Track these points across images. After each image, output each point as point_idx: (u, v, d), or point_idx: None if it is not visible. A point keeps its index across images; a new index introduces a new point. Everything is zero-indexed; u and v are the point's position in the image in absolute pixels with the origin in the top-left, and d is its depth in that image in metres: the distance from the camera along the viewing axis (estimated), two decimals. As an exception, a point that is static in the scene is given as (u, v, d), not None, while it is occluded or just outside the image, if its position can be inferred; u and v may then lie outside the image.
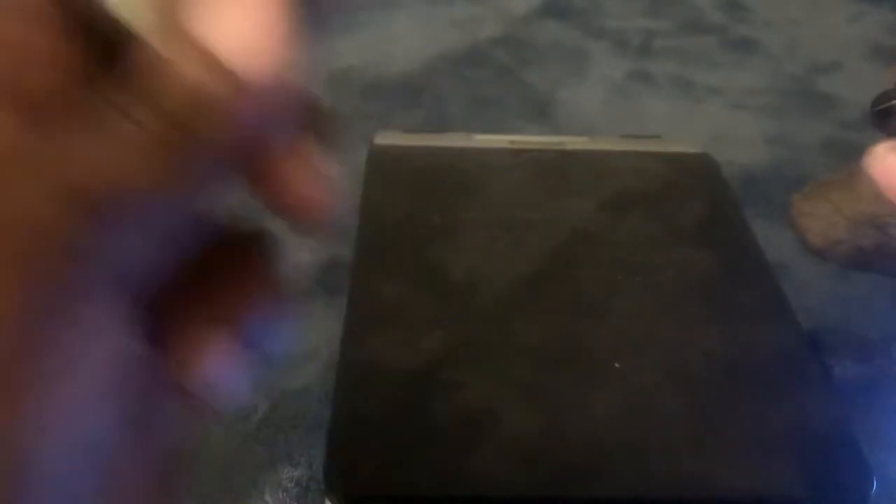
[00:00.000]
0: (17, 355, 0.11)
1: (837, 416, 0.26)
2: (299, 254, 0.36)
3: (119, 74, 0.12)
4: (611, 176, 0.36)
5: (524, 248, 0.32)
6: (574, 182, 0.36)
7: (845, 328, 0.32)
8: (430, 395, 0.26)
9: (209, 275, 0.15)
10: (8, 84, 0.12)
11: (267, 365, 0.15)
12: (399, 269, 0.31)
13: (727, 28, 0.56)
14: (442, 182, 0.35)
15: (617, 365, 0.27)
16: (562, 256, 0.31)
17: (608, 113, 0.47)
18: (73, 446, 0.11)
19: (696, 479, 0.24)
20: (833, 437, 0.25)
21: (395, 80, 0.49)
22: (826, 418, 0.26)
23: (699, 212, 0.34)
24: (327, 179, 0.15)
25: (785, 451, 0.25)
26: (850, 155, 0.43)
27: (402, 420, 0.25)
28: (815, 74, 0.51)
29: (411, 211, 0.33)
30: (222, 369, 0.14)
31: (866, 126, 0.45)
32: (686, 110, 0.47)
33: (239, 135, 0.13)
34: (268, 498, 0.27)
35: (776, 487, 0.24)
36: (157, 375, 0.13)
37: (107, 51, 0.13)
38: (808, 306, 0.33)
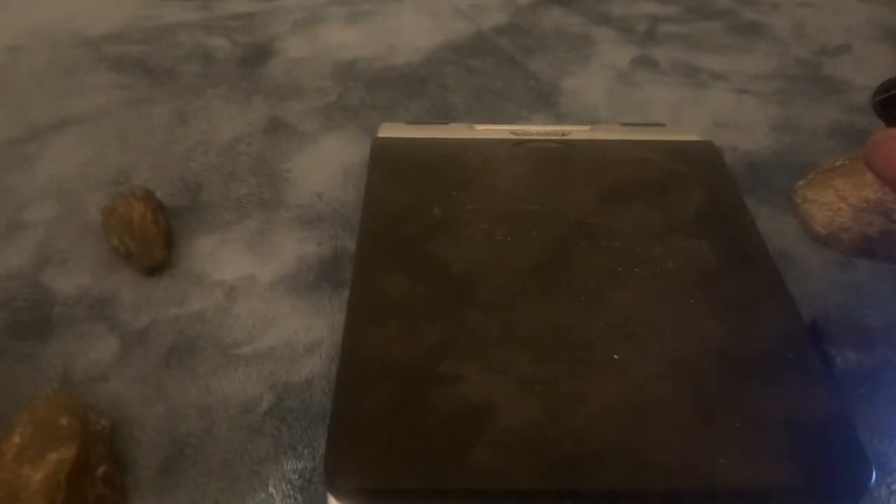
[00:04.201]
0: None
1: (837, 406, 0.26)
2: (304, 246, 0.37)
3: None
4: (612, 166, 0.36)
5: (526, 240, 0.32)
6: (575, 172, 0.36)
7: (847, 316, 0.32)
8: (430, 387, 0.26)
9: None
10: None
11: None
12: (401, 262, 0.31)
13: (734, 12, 0.56)
14: (444, 174, 0.35)
15: (616, 356, 0.27)
16: (563, 248, 0.31)
17: (613, 101, 0.47)
18: None
19: (695, 469, 0.24)
20: (832, 428, 0.25)
21: (400, 70, 0.49)
22: (826, 408, 0.26)
23: (700, 201, 0.34)
24: None
25: (784, 442, 0.25)
26: (857, 140, 0.43)
27: (403, 412, 0.25)
28: (823, 57, 0.51)
29: (413, 203, 0.34)
30: None
31: (874, 110, 0.44)
32: (691, 97, 0.47)
33: None
34: (272, 489, 0.27)
35: (775, 477, 0.24)
36: None
37: None
38: (810, 294, 0.33)
